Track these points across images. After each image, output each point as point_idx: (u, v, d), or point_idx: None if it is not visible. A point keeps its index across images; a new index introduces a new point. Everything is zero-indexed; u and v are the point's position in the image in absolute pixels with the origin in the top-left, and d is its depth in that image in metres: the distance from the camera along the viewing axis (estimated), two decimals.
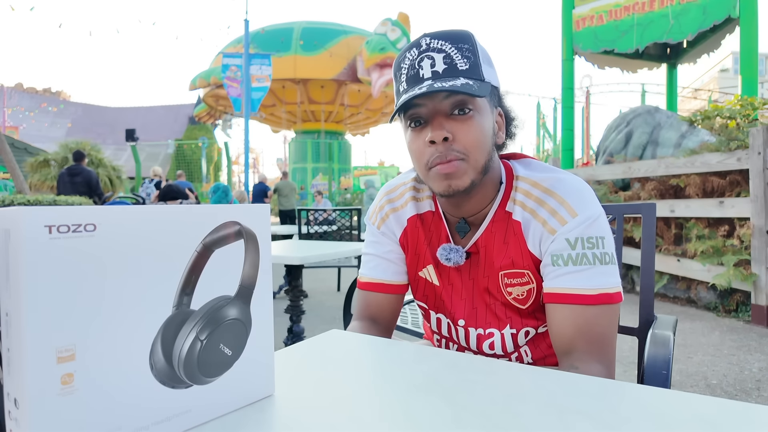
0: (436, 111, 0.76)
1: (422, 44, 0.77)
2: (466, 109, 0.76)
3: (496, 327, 0.88)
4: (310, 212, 4.32)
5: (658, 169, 4.39)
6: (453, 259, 0.85)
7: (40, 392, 0.36)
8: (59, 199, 5.53)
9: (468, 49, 0.76)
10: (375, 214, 0.97)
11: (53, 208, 0.36)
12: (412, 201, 0.93)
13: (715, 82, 29.13)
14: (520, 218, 0.82)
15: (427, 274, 0.93)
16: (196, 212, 0.46)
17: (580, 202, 0.78)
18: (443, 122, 0.76)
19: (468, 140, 0.76)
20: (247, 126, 11.91)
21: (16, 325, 0.36)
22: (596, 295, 0.74)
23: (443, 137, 0.75)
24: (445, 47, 0.76)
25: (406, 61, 0.78)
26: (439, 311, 0.94)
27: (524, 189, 0.83)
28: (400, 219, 0.93)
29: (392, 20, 16.84)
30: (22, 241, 0.35)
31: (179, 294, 0.44)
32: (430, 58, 0.76)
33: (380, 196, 0.98)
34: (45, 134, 24.41)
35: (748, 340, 3.03)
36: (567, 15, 7.52)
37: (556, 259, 0.77)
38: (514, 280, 0.83)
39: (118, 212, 0.40)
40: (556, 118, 18.37)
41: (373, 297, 0.93)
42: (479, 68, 0.77)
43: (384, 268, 0.93)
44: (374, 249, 0.95)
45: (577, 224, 0.76)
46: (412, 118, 0.79)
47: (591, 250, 0.75)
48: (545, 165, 0.87)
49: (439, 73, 0.75)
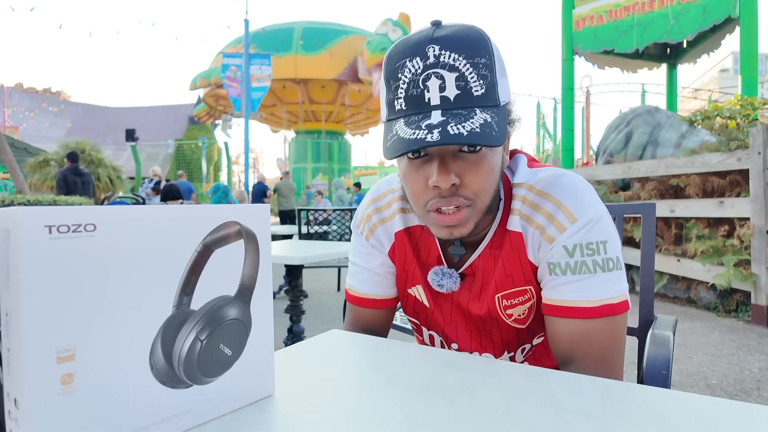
0: (443, 149, 0.65)
1: (429, 55, 0.62)
2: (478, 146, 0.65)
3: (492, 352, 0.83)
4: (310, 212, 4.32)
5: (658, 169, 4.39)
6: (446, 286, 0.78)
7: (40, 392, 0.36)
8: (59, 199, 5.53)
9: (484, 65, 0.63)
10: (363, 223, 0.89)
11: (53, 208, 0.36)
12: (400, 213, 0.84)
13: (715, 82, 29.12)
14: (519, 228, 0.74)
15: (416, 293, 0.86)
16: (196, 212, 0.46)
17: (579, 204, 0.70)
18: (450, 163, 0.65)
19: (477, 185, 0.66)
20: (247, 126, 11.92)
21: (16, 325, 0.36)
22: (597, 307, 0.67)
23: (450, 183, 0.64)
24: (459, 63, 0.61)
25: (405, 71, 0.63)
26: (431, 329, 0.89)
27: (520, 196, 0.75)
28: (389, 232, 0.85)
29: (393, 20, 16.86)
30: (22, 241, 0.35)
31: (179, 294, 0.44)
32: (438, 77, 0.61)
33: (366, 203, 0.89)
34: (45, 134, 24.41)
35: (748, 340, 3.03)
36: (567, 15, 7.53)
37: (554, 268, 0.70)
38: (513, 300, 0.76)
39: (118, 212, 0.40)
40: (556, 118, 18.37)
41: (363, 312, 0.88)
42: (495, 88, 0.64)
43: (374, 282, 0.87)
44: (363, 261, 0.88)
45: (576, 230, 0.69)
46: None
47: (591, 257, 0.68)
48: (536, 162, 0.79)
49: (450, 100, 0.62)
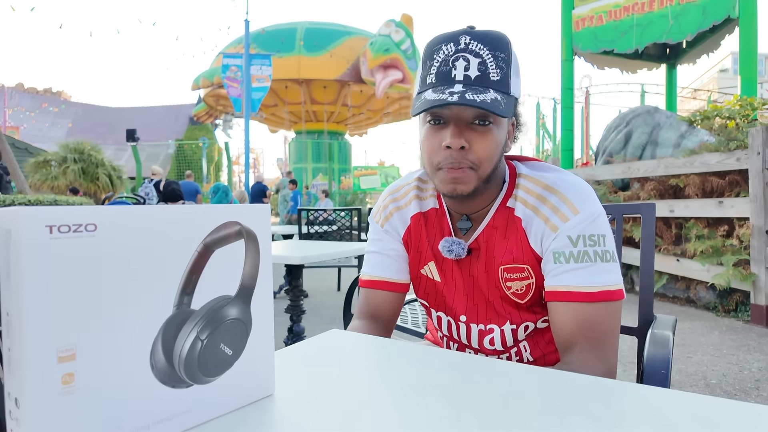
0: (458, 117, 0.77)
1: (461, 42, 0.76)
2: (487, 121, 0.77)
3: (496, 323, 0.90)
4: (311, 212, 4.32)
5: (658, 169, 4.39)
6: (455, 251, 0.87)
7: (41, 392, 0.36)
8: (60, 199, 5.54)
9: (503, 59, 0.77)
10: (379, 213, 0.99)
11: (54, 208, 0.36)
12: (416, 199, 0.95)
13: (714, 82, 29.13)
14: (521, 215, 0.83)
15: (428, 270, 0.94)
16: (196, 212, 0.46)
17: (581, 199, 0.79)
18: (463, 130, 0.77)
19: (482, 152, 0.78)
20: (248, 126, 11.92)
21: (17, 325, 0.36)
22: (597, 292, 0.75)
23: (460, 146, 0.76)
24: (483, 52, 0.76)
25: (440, 53, 0.78)
26: (440, 309, 0.96)
27: (526, 186, 0.84)
28: (404, 217, 0.95)
29: (396, 21, 16.87)
30: (23, 241, 0.35)
31: (180, 294, 0.44)
32: (465, 60, 0.76)
33: (384, 196, 1.00)
34: (46, 134, 24.40)
35: (748, 339, 3.03)
36: (567, 15, 7.53)
37: (558, 257, 0.78)
38: (513, 275, 0.85)
39: (119, 212, 0.40)
40: (555, 119, 18.36)
41: (373, 295, 0.95)
42: (509, 80, 0.77)
43: (386, 265, 0.95)
44: (377, 246, 0.97)
45: (579, 221, 0.77)
46: (433, 116, 0.79)
47: (593, 247, 0.76)
48: (548, 165, 0.89)
49: (471, 79, 0.75)
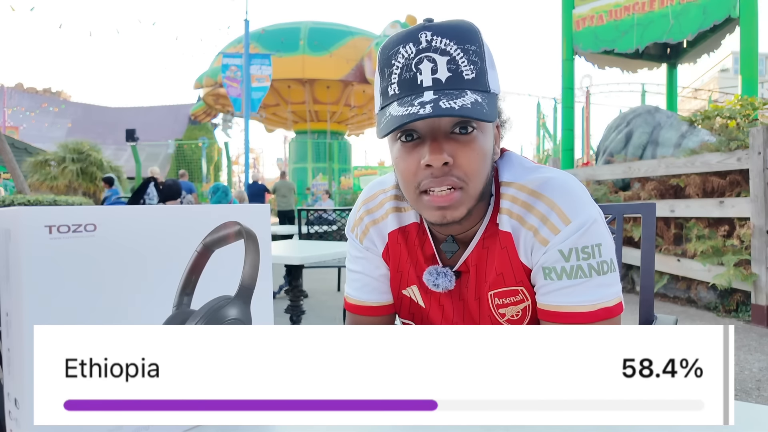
0: (434, 129, 0.65)
1: (421, 39, 0.64)
2: (469, 128, 0.66)
3: None
4: (310, 212, 4.32)
5: (658, 169, 4.39)
6: (441, 285, 0.77)
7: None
8: (59, 199, 5.54)
9: (475, 52, 0.65)
10: (355, 226, 0.87)
11: (53, 208, 0.36)
12: (393, 213, 0.83)
13: (715, 82, 29.12)
14: (509, 228, 0.73)
15: (411, 293, 0.84)
16: (196, 212, 0.46)
17: (572, 205, 0.69)
18: (442, 143, 0.65)
19: (469, 166, 0.66)
20: (247, 126, 11.92)
21: (17, 325, 0.36)
22: (594, 311, 0.67)
23: (443, 162, 0.64)
24: (450, 48, 0.64)
25: (399, 57, 0.66)
26: None
27: (510, 195, 0.74)
28: (381, 233, 0.84)
29: (401, 22, 16.91)
30: (23, 241, 0.35)
31: (179, 294, 0.44)
32: (431, 61, 0.64)
33: (358, 207, 0.88)
34: (45, 134, 24.39)
35: (748, 340, 3.03)
36: (567, 15, 7.53)
37: (549, 273, 0.69)
38: (506, 299, 0.76)
39: (118, 212, 0.40)
40: (556, 118, 18.35)
41: (363, 320, 0.86)
42: (485, 76, 0.66)
43: (372, 288, 0.85)
44: (360, 266, 0.86)
45: (571, 232, 0.68)
46: (404, 133, 0.67)
47: (587, 260, 0.68)
48: (528, 162, 0.78)
49: (442, 82, 0.64)
